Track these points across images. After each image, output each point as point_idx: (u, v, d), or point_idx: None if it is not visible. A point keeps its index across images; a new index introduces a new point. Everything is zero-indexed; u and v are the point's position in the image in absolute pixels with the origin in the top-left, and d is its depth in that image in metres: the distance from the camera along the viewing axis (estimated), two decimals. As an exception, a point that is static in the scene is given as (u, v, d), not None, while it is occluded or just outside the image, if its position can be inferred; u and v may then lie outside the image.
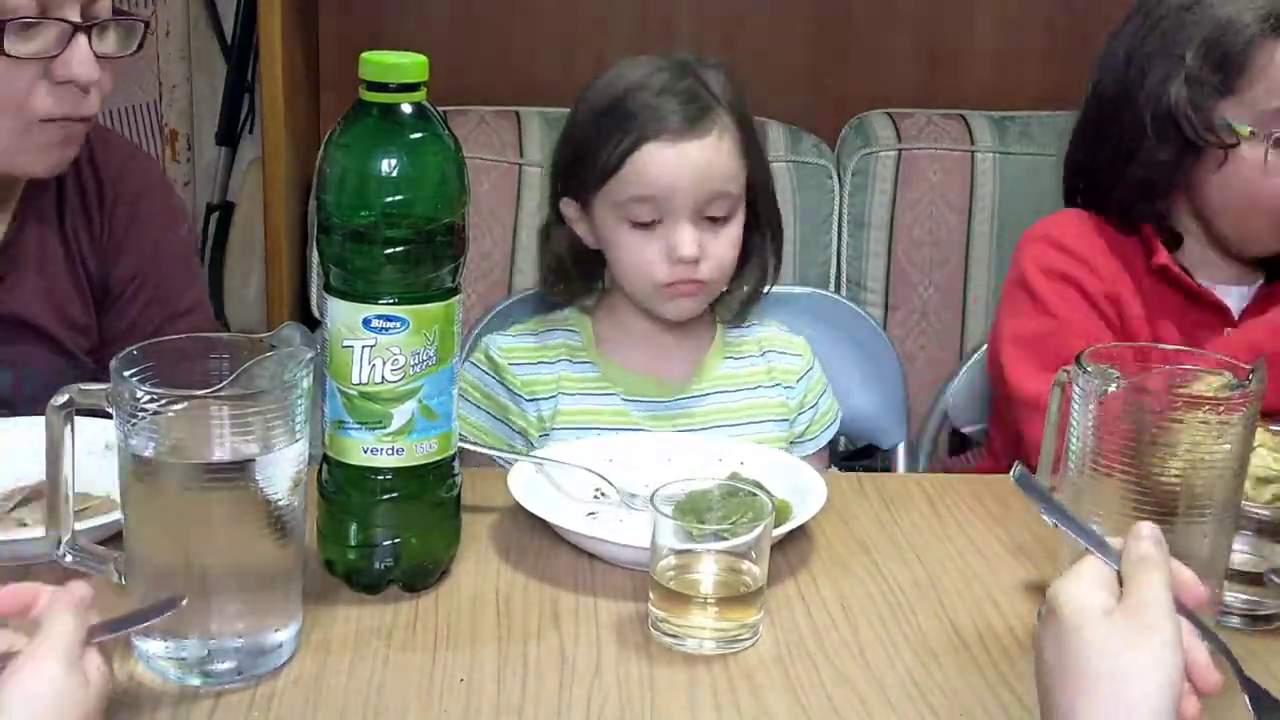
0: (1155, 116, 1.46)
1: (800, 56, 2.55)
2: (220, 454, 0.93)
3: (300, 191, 2.32)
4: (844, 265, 2.32)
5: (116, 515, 1.01)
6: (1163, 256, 1.50)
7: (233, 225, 2.56)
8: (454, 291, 1.04)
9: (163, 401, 0.92)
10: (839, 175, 2.31)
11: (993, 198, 2.29)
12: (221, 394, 0.93)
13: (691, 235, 1.43)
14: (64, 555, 0.97)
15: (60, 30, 1.23)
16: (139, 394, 0.91)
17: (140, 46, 1.32)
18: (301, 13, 2.34)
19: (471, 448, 1.25)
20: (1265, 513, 1.07)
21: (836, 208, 2.30)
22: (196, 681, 0.95)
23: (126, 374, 0.92)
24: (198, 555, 0.93)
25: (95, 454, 1.10)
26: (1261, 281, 1.54)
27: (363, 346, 1.01)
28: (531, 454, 1.23)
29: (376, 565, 1.07)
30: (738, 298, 1.54)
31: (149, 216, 1.44)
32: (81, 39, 1.23)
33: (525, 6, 2.50)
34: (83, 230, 1.40)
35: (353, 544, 1.07)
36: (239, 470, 0.93)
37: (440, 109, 1.03)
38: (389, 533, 1.06)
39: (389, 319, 1.01)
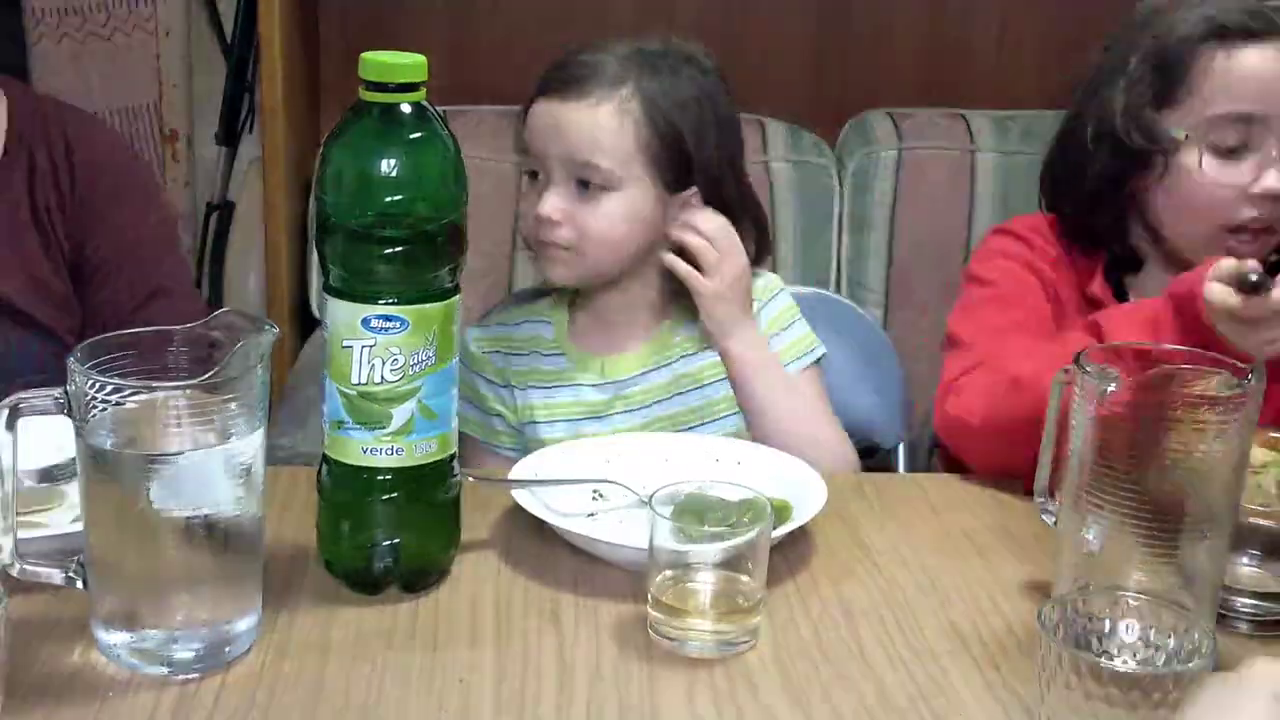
0: (1098, 127, 1.46)
1: (801, 55, 2.55)
2: (179, 445, 0.94)
3: (300, 191, 2.32)
4: (844, 265, 2.32)
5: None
6: (1096, 286, 1.48)
7: (233, 225, 2.56)
8: (454, 291, 1.04)
9: (124, 393, 0.92)
10: (839, 175, 2.31)
11: (993, 198, 2.29)
12: (184, 385, 0.94)
13: (554, 197, 1.45)
14: (15, 568, 0.97)
15: None
16: (97, 387, 0.92)
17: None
18: (301, 13, 2.34)
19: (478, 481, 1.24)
20: (1269, 523, 1.07)
21: (837, 207, 2.30)
22: (158, 670, 0.95)
23: (85, 367, 0.93)
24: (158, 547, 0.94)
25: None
26: None
27: (362, 346, 1.01)
28: (534, 481, 1.22)
29: (376, 565, 1.07)
30: None
31: (126, 195, 1.45)
32: None
33: (525, 6, 2.50)
34: (54, 205, 1.40)
35: (352, 544, 1.07)
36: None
37: (440, 109, 1.03)
38: (389, 533, 1.06)
39: (389, 319, 1.01)
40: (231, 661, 0.98)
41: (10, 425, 0.93)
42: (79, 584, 0.97)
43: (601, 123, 1.44)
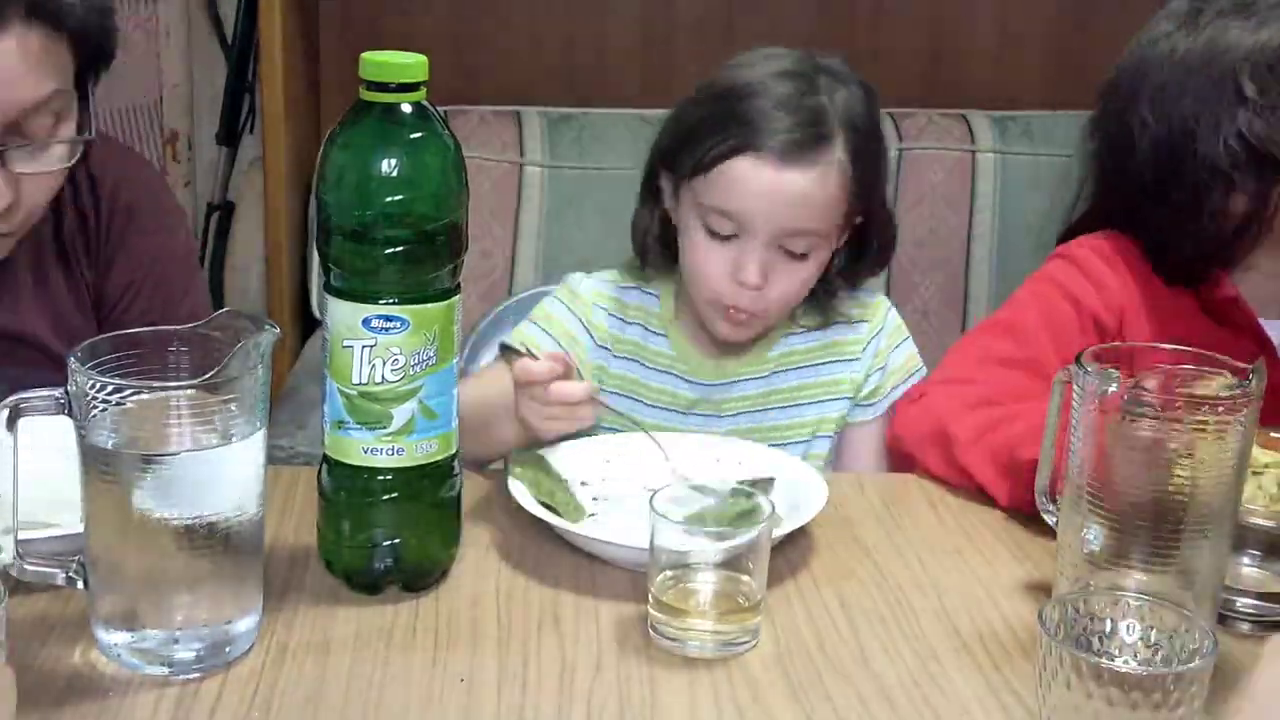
0: (1222, 165, 1.35)
1: (801, 56, 2.55)
2: (180, 445, 0.94)
3: (300, 191, 2.32)
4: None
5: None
6: (1229, 289, 1.41)
7: (233, 225, 2.56)
8: (454, 291, 1.04)
9: (125, 393, 0.92)
10: (839, 175, 2.31)
11: (993, 198, 2.29)
12: (185, 385, 0.94)
13: (759, 262, 1.37)
14: (15, 568, 0.96)
15: None
16: (97, 387, 0.92)
17: (81, 158, 1.27)
18: (301, 13, 2.34)
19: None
20: (1270, 523, 1.07)
21: (837, 207, 2.30)
22: (158, 670, 0.95)
23: (85, 367, 0.93)
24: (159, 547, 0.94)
25: None
26: None
27: (363, 346, 1.01)
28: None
29: (376, 565, 1.07)
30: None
31: (146, 224, 1.43)
32: None
33: (525, 6, 2.50)
34: (80, 242, 1.39)
35: (352, 544, 1.07)
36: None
37: (440, 109, 1.03)
38: (389, 533, 1.06)
39: (389, 319, 1.01)
40: (232, 661, 0.98)
41: (10, 425, 0.93)
42: (79, 584, 0.97)
43: (828, 186, 1.36)
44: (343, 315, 1.02)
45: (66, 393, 0.93)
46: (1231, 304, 1.41)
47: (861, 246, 1.48)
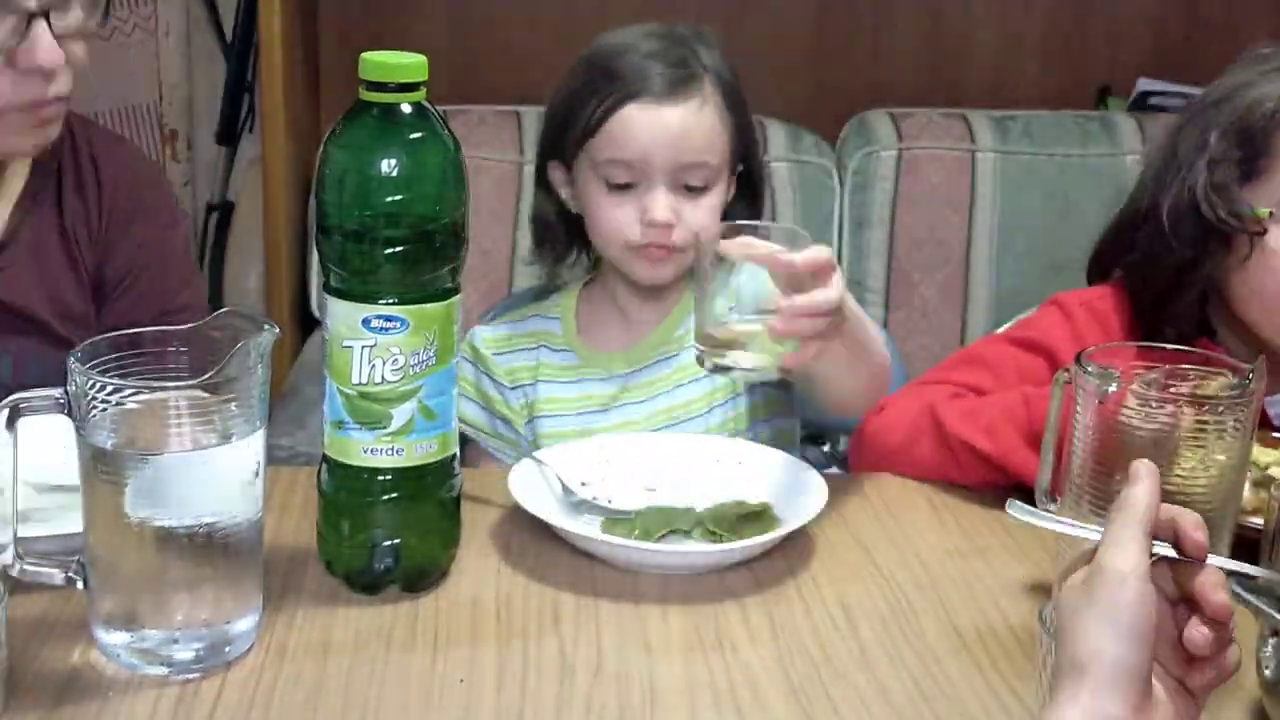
0: (1177, 208, 1.34)
1: (801, 55, 2.55)
2: (179, 445, 0.94)
3: (300, 191, 2.32)
4: (844, 264, 2.31)
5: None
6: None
7: (233, 225, 2.56)
8: (454, 291, 1.04)
9: (125, 393, 0.92)
10: (839, 174, 2.31)
11: (993, 198, 2.29)
12: (184, 385, 0.94)
13: (666, 200, 1.44)
14: (15, 568, 0.96)
15: (17, 18, 1.20)
16: (97, 387, 0.92)
17: (106, 15, 1.30)
18: (301, 13, 2.34)
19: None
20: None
21: (837, 207, 2.30)
22: (158, 670, 0.95)
23: (85, 367, 0.93)
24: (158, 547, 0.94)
25: None
26: None
27: (363, 346, 1.01)
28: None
29: (376, 565, 1.07)
30: None
31: (148, 213, 1.45)
32: (41, 24, 1.21)
33: (525, 6, 2.50)
34: (80, 223, 1.41)
35: (352, 544, 1.07)
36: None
37: (440, 109, 1.03)
38: (389, 533, 1.06)
39: (389, 319, 1.01)
40: (231, 661, 0.98)
41: (10, 425, 0.93)
42: (79, 584, 0.97)
43: (705, 118, 1.45)
44: (342, 315, 1.02)
45: (66, 393, 0.93)
46: None
47: (752, 201, 1.54)
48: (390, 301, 1.01)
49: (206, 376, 0.94)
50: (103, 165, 1.42)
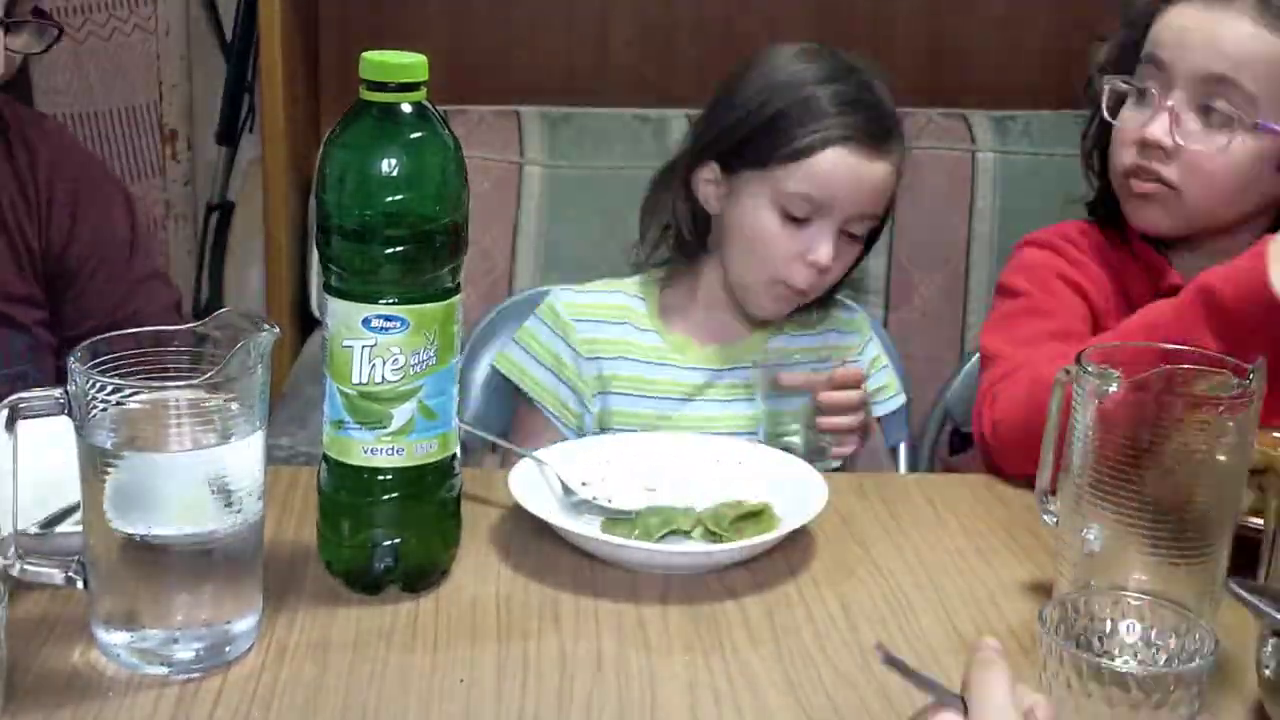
0: (1094, 106, 1.49)
1: (800, 56, 2.54)
2: (180, 445, 0.94)
3: (300, 191, 2.32)
4: (844, 265, 2.31)
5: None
6: (1175, 278, 1.43)
7: (233, 225, 2.56)
8: (454, 291, 1.04)
9: (125, 393, 0.92)
10: (839, 175, 2.31)
11: (993, 198, 2.29)
12: (184, 385, 0.94)
13: (830, 245, 1.46)
14: (15, 568, 0.96)
15: None
16: (97, 387, 0.92)
17: (47, 50, 1.36)
18: (301, 13, 2.34)
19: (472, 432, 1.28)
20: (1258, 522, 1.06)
21: (837, 207, 2.30)
22: (158, 670, 0.95)
23: (85, 367, 0.93)
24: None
25: None
26: None
27: (363, 346, 1.01)
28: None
29: (376, 565, 1.07)
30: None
31: (94, 195, 1.47)
32: None
33: (525, 6, 2.50)
34: (20, 208, 1.42)
35: (352, 544, 1.07)
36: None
37: (440, 109, 1.03)
38: (389, 533, 1.06)
39: (389, 319, 1.01)
40: (231, 661, 0.98)
41: (10, 426, 0.93)
42: (79, 584, 0.97)
43: (893, 177, 1.48)
44: (343, 315, 1.02)
45: (66, 393, 0.93)
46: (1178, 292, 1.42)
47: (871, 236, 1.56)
48: (390, 301, 1.01)
49: (206, 376, 0.94)
50: (38, 149, 1.43)
